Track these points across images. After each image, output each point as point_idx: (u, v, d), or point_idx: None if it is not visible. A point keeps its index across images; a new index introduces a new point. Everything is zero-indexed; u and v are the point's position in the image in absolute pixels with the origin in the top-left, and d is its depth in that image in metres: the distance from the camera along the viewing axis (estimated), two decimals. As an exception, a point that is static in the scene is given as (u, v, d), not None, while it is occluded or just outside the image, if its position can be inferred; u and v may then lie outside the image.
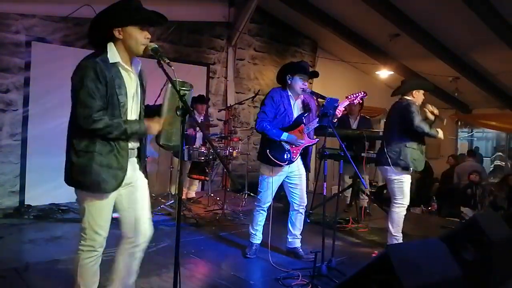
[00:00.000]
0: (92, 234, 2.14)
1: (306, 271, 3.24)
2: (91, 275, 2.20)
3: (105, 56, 2.07)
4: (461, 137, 11.42)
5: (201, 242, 4.15)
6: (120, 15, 2.06)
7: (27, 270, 3.17)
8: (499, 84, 8.43)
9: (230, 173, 2.00)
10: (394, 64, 8.13)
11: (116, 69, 2.09)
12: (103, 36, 2.11)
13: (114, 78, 2.06)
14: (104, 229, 2.17)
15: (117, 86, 2.07)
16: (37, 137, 5.27)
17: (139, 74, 2.26)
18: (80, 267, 2.17)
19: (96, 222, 2.14)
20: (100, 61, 2.03)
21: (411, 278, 2.03)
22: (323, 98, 3.45)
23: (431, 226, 5.56)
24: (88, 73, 1.99)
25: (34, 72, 5.26)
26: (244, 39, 7.47)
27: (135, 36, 2.08)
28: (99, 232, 2.15)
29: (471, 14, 5.76)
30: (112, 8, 2.08)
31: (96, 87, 2.00)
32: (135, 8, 2.08)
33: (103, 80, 2.01)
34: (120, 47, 2.11)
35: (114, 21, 2.07)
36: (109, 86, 2.03)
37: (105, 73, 2.02)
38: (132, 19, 2.07)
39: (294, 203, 3.69)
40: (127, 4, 2.08)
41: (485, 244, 2.87)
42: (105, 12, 2.09)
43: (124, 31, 2.08)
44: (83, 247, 2.16)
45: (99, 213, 2.14)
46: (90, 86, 1.99)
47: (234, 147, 5.70)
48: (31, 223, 4.56)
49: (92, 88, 1.99)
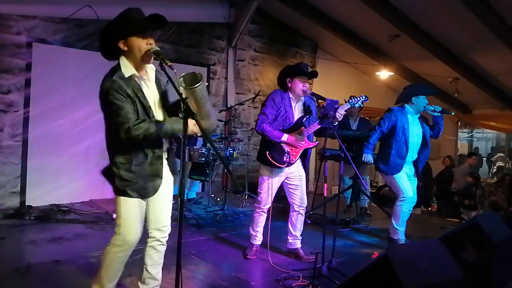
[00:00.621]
0: (125, 233, 2.28)
1: (306, 271, 3.24)
2: (116, 270, 2.36)
3: (120, 72, 2.17)
4: (461, 137, 11.43)
5: (202, 243, 4.16)
6: (120, 28, 2.15)
7: (28, 270, 3.18)
8: (499, 84, 8.44)
9: (231, 174, 2.00)
10: (394, 65, 8.15)
11: (134, 82, 2.19)
12: (113, 50, 2.21)
13: (136, 92, 2.18)
14: (137, 231, 2.32)
15: (140, 97, 2.20)
16: (38, 138, 5.29)
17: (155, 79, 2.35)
18: (108, 260, 2.33)
19: (130, 223, 2.29)
20: (117, 79, 2.14)
21: (412, 279, 2.04)
22: (323, 100, 3.46)
23: (431, 227, 5.56)
24: (112, 92, 2.12)
25: (35, 73, 5.28)
26: (244, 40, 7.48)
27: (137, 45, 2.16)
28: (132, 232, 2.29)
29: (471, 15, 5.77)
30: (113, 22, 2.18)
31: (123, 102, 2.12)
32: (133, 18, 2.15)
33: (126, 95, 2.13)
34: (130, 58, 2.21)
35: (116, 35, 2.16)
36: (133, 99, 2.16)
37: (125, 89, 2.13)
38: (132, 30, 2.14)
39: (295, 204, 3.70)
40: (125, 16, 2.16)
41: (485, 245, 2.88)
42: (107, 28, 2.20)
43: (127, 42, 2.16)
44: (116, 241, 2.30)
45: (134, 215, 2.29)
46: (117, 104, 2.11)
47: (234, 148, 5.71)
48: (32, 224, 4.57)
49: (120, 105, 2.12)
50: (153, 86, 2.32)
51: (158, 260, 2.50)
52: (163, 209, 2.44)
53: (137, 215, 2.31)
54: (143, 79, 2.26)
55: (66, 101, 5.40)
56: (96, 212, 5.02)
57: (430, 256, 2.21)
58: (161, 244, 2.47)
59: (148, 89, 2.28)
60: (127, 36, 2.15)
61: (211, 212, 5.38)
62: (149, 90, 2.28)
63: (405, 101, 4.12)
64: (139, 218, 2.32)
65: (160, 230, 2.44)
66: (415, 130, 4.10)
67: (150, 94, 2.27)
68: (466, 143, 11.76)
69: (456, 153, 10.98)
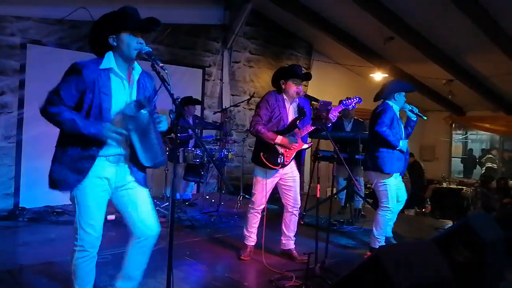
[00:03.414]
0: (81, 232, 2.18)
1: (299, 272, 3.25)
2: (84, 274, 2.24)
3: (98, 62, 2.15)
4: (456, 139, 11.50)
5: (196, 244, 4.16)
6: (112, 23, 2.14)
7: (21, 272, 3.17)
8: (492, 86, 8.51)
9: (222, 175, 2.01)
10: (389, 67, 8.19)
11: (105, 73, 2.14)
12: (103, 45, 2.18)
13: (99, 80, 2.11)
14: (94, 228, 2.19)
15: (101, 90, 2.11)
16: (32, 140, 5.28)
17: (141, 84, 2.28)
18: (73, 266, 2.23)
19: (84, 221, 2.17)
20: (86, 64, 2.11)
21: (402, 278, 2.05)
22: (317, 101, 3.48)
23: (425, 228, 5.59)
24: (69, 69, 2.10)
25: (29, 75, 5.27)
26: (239, 41, 7.50)
27: (127, 42, 2.14)
28: (88, 231, 2.17)
29: (465, 18, 5.82)
30: (106, 16, 2.17)
31: (69, 81, 2.08)
32: (127, 15, 2.15)
33: (81, 79, 2.07)
34: (117, 55, 2.18)
35: (108, 29, 2.14)
36: (89, 88, 2.09)
37: (86, 74, 2.08)
38: (124, 26, 2.13)
39: (288, 205, 3.71)
40: (120, 12, 2.16)
41: (477, 246, 2.90)
42: (100, 21, 2.18)
43: (118, 38, 2.14)
44: (75, 247, 2.21)
45: (86, 212, 2.17)
46: (63, 78, 2.09)
47: (229, 150, 5.72)
48: (26, 225, 4.55)
49: (64, 80, 2.09)
50: (131, 87, 2.23)
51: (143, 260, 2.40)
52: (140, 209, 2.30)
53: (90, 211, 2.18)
54: (121, 77, 2.18)
55: (61, 102, 5.37)
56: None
57: (420, 256, 2.23)
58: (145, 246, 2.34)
59: (123, 88, 2.19)
60: (119, 31, 2.13)
61: (206, 213, 5.38)
62: (123, 89, 2.19)
63: (387, 98, 3.95)
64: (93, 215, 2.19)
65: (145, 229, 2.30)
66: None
67: (122, 93, 2.18)
68: (460, 144, 11.83)
69: (450, 155, 11.05)
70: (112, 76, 2.16)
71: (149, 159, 2.19)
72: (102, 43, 2.17)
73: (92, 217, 2.18)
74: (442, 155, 10.90)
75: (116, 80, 2.18)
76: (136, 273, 2.39)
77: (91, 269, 2.26)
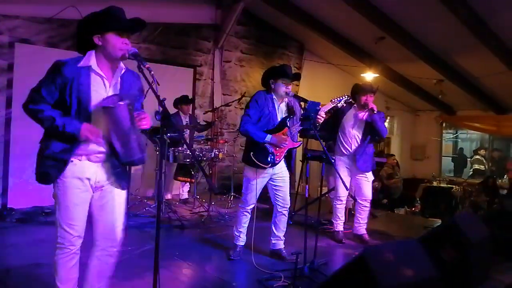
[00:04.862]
0: (61, 231, 2.19)
1: (288, 272, 3.26)
2: (65, 271, 2.25)
3: (78, 60, 2.15)
4: (446, 138, 11.59)
5: (186, 244, 4.15)
6: (99, 22, 2.13)
7: (8, 274, 3.14)
8: (482, 87, 8.58)
9: (206, 175, 2.00)
10: (380, 67, 8.22)
11: (85, 71, 2.14)
12: (88, 43, 2.18)
13: (77, 79, 2.11)
14: (73, 228, 2.20)
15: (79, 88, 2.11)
16: (20, 140, 5.21)
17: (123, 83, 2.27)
18: (54, 263, 2.26)
19: (63, 220, 2.19)
20: (66, 61, 2.12)
21: (388, 278, 2.07)
22: (305, 102, 3.49)
23: (414, 227, 5.63)
24: (50, 68, 2.13)
25: (17, 74, 5.20)
26: (231, 41, 7.49)
27: (113, 42, 2.13)
28: (67, 230, 2.19)
29: (454, 19, 5.86)
30: (92, 15, 2.16)
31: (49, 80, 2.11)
32: (113, 15, 2.14)
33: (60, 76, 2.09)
34: (101, 54, 2.17)
35: (94, 28, 2.14)
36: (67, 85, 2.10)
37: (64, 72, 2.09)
38: (110, 26, 2.13)
39: (278, 205, 3.72)
40: (106, 12, 2.15)
41: (463, 245, 2.93)
42: (86, 20, 2.18)
43: (103, 38, 2.14)
44: (56, 244, 2.23)
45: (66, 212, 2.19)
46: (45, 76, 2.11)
47: (220, 149, 5.71)
48: (14, 226, 4.51)
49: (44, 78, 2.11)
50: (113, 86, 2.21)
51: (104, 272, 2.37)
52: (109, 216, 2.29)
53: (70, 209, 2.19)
54: (102, 75, 2.17)
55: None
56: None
57: (406, 256, 2.25)
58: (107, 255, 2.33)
59: (103, 87, 2.18)
60: (105, 31, 2.13)
61: (196, 213, 5.37)
62: (103, 88, 2.18)
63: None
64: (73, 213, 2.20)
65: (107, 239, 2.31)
66: None
67: (102, 91, 2.17)
68: (450, 143, 11.93)
69: (441, 154, 11.13)
70: (92, 74, 2.16)
71: (127, 155, 2.18)
72: (87, 41, 2.17)
73: (71, 217, 2.18)
74: (433, 154, 10.98)
75: (96, 78, 2.17)
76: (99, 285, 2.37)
77: (72, 267, 2.26)
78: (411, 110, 10.97)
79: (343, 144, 4.42)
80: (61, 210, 2.19)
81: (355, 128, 4.35)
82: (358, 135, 4.35)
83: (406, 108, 10.72)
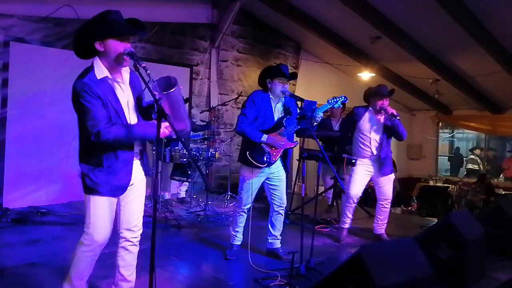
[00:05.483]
0: (93, 233, 2.29)
1: (285, 271, 3.26)
2: (84, 268, 2.37)
3: (92, 74, 2.17)
4: (442, 137, 11.63)
5: (182, 244, 4.15)
6: (99, 29, 2.14)
7: (2, 274, 3.13)
8: (477, 86, 8.62)
9: (203, 174, 2.01)
10: (376, 66, 8.25)
11: (106, 84, 2.18)
12: (87, 49, 2.21)
13: (106, 94, 2.17)
14: (106, 230, 2.32)
15: (111, 100, 2.19)
16: (15, 139, 5.18)
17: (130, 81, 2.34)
18: (77, 259, 2.34)
19: (99, 222, 2.29)
20: (89, 81, 2.14)
21: (384, 277, 2.07)
22: (302, 101, 3.49)
23: (411, 226, 5.64)
24: (83, 94, 2.12)
25: (12, 73, 5.17)
26: (227, 40, 7.48)
27: (115, 48, 2.15)
28: (100, 231, 2.30)
29: (450, 19, 5.89)
30: (91, 22, 2.17)
31: (93, 105, 2.13)
32: (113, 21, 2.15)
33: (96, 97, 2.14)
34: (105, 59, 2.20)
35: (94, 35, 2.15)
36: (104, 102, 2.16)
37: (96, 91, 2.13)
38: (110, 32, 2.14)
39: (274, 204, 3.72)
40: (105, 17, 2.15)
41: (459, 244, 2.94)
42: (85, 27, 2.19)
43: (104, 44, 2.15)
44: (84, 241, 2.31)
45: (103, 214, 2.29)
46: (88, 106, 2.12)
47: (217, 149, 5.71)
48: (9, 226, 4.48)
49: (90, 108, 2.12)
50: (128, 88, 2.31)
51: (131, 261, 2.49)
52: (134, 210, 2.44)
53: (106, 214, 2.30)
54: (117, 81, 2.25)
55: (45, 101, 5.30)
56: (76, 214, 4.94)
57: (402, 255, 2.25)
58: (132, 245, 2.47)
59: (122, 91, 2.27)
60: (105, 37, 2.14)
61: (193, 213, 5.36)
62: (122, 92, 2.27)
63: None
64: (108, 217, 2.32)
65: (131, 230, 2.44)
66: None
67: (123, 96, 2.27)
68: (447, 143, 11.97)
69: (437, 153, 11.17)
70: (109, 81, 2.22)
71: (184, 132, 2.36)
72: (88, 48, 2.19)
73: (101, 225, 2.29)
74: (429, 153, 11.02)
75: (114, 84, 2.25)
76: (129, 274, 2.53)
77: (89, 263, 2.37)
78: (407, 109, 11.01)
79: (362, 148, 4.41)
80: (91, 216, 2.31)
81: (373, 131, 4.33)
82: (376, 139, 4.33)
83: (402, 107, 10.75)
